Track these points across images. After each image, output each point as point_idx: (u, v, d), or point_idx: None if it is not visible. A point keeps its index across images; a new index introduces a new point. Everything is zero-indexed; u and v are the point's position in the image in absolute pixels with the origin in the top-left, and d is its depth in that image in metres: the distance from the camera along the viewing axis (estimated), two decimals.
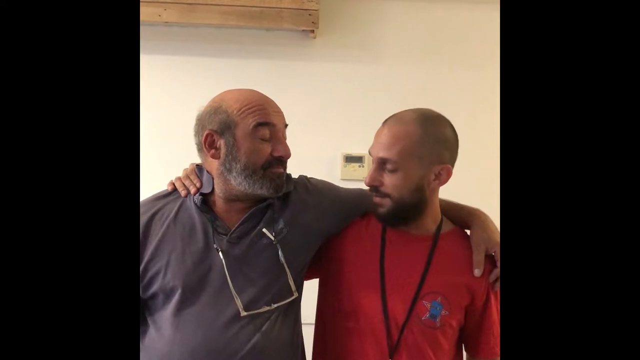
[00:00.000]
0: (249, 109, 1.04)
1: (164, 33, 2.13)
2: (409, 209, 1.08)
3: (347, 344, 1.09)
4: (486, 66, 2.11)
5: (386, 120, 1.11)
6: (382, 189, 1.08)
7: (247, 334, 1.01)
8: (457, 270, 1.10)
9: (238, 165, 1.03)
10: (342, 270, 1.13)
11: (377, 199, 1.10)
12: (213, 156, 1.06)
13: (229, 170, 1.04)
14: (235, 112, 1.04)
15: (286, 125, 1.10)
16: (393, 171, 1.06)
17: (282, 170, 1.08)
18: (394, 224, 1.12)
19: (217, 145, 1.05)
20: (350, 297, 1.10)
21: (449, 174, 1.08)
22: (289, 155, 1.07)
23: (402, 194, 1.06)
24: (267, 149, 1.04)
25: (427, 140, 1.06)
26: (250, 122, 1.03)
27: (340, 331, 1.11)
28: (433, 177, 1.07)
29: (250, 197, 1.07)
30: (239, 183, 1.04)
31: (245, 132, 1.03)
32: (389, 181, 1.07)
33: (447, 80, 2.17)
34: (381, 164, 1.08)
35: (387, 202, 1.08)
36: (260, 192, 1.05)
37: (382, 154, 1.07)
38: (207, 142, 1.05)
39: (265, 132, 1.04)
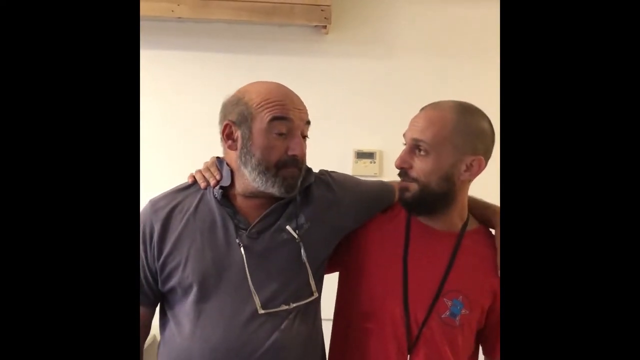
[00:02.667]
0: (267, 102, 1.02)
1: (177, 28, 2.14)
2: (436, 198, 1.06)
3: (367, 338, 1.08)
4: (498, 63, 2.09)
5: (424, 107, 1.10)
6: (411, 172, 1.06)
7: (266, 331, 1.00)
8: (480, 270, 1.08)
9: (253, 160, 1.02)
10: (364, 265, 1.12)
11: (403, 183, 1.08)
12: (230, 147, 1.06)
13: (245, 164, 1.03)
14: (254, 105, 1.02)
15: (308, 123, 1.07)
16: (424, 155, 1.04)
17: (296, 171, 1.05)
18: (418, 212, 1.10)
19: (235, 137, 1.04)
20: (372, 291, 1.10)
21: (480, 167, 1.06)
22: (303, 154, 1.05)
23: (430, 180, 1.04)
24: (282, 145, 1.02)
25: (463, 129, 1.04)
26: (266, 116, 1.01)
27: (360, 326, 1.10)
28: (464, 167, 1.05)
29: (266, 194, 1.05)
30: (253, 179, 1.03)
31: (261, 126, 1.02)
32: (419, 165, 1.05)
33: (459, 75, 2.15)
34: (413, 147, 1.06)
35: (413, 187, 1.06)
36: (271, 191, 1.03)
37: (415, 135, 1.05)
38: (226, 133, 1.05)
39: (282, 127, 1.02)
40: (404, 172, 1.07)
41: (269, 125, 1.01)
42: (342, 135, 2.15)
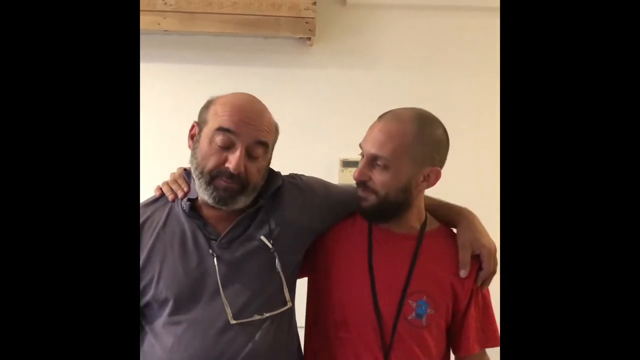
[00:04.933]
0: (222, 111, 1.03)
1: (163, 41, 2.15)
2: (392, 208, 1.08)
3: (339, 346, 1.09)
4: (481, 72, 2.14)
5: (382, 116, 1.10)
6: (370, 184, 1.07)
7: (241, 340, 1.00)
8: (442, 268, 1.10)
9: (195, 162, 1.04)
10: (332, 270, 1.13)
11: (362, 193, 1.09)
12: (189, 146, 1.08)
13: (192, 166, 1.06)
14: (212, 112, 1.04)
15: (260, 143, 1.04)
16: (384, 169, 1.05)
17: (231, 185, 1.02)
18: (375, 220, 1.12)
19: (195, 138, 1.07)
20: (342, 299, 1.10)
21: (437, 177, 1.08)
22: (237, 171, 1.00)
23: (389, 192, 1.06)
24: (220, 157, 1.01)
25: (422, 141, 1.05)
26: (214, 124, 1.02)
27: (333, 335, 1.10)
28: (422, 178, 1.07)
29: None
30: (195, 182, 1.04)
31: (209, 133, 1.03)
32: (378, 178, 1.06)
33: (442, 86, 2.19)
34: (372, 160, 1.06)
35: (372, 198, 1.07)
36: (204, 198, 1.04)
37: (374, 150, 1.05)
38: (190, 133, 1.08)
39: (223, 139, 1.01)
40: (362, 183, 1.09)
41: (213, 133, 1.02)
42: (328, 145, 2.17)
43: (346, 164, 2.17)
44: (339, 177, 2.15)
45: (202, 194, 1.03)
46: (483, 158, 2.07)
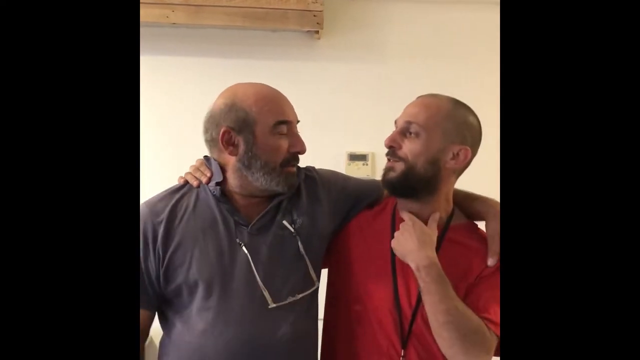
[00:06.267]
0: (267, 106, 1.06)
1: (171, 34, 2.16)
2: (420, 181, 1.07)
3: (358, 335, 1.10)
4: (489, 66, 2.13)
5: (420, 96, 1.14)
6: (399, 152, 1.08)
7: (276, 324, 1.04)
8: (466, 260, 1.08)
9: (258, 163, 1.05)
10: (352, 262, 1.14)
11: (389, 163, 1.10)
12: (231, 153, 1.07)
13: (248, 167, 1.06)
14: (253, 109, 1.05)
15: (298, 121, 1.12)
16: (415, 137, 1.07)
17: (295, 169, 1.11)
18: (400, 194, 1.11)
19: (235, 142, 1.06)
20: (361, 289, 1.11)
21: (466, 157, 1.09)
22: (305, 150, 1.10)
23: (417, 162, 1.06)
24: (285, 145, 1.07)
25: (455, 118, 1.08)
26: (270, 120, 1.05)
27: (351, 322, 1.11)
28: (451, 155, 1.07)
29: (265, 192, 1.09)
30: (256, 179, 1.06)
31: (266, 130, 1.05)
32: (408, 145, 1.07)
33: (450, 80, 2.17)
34: (404, 129, 1.08)
35: (399, 166, 1.08)
36: (275, 189, 1.08)
37: (408, 118, 1.08)
38: (224, 140, 1.06)
39: (284, 128, 1.07)
40: (392, 151, 1.10)
41: (273, 128, 1.05)
42: (335, 138, 2.18)
43: (353, 157, 2.18)
44: (346, 171, 2.15)
45: (273, 186, 1.07)
46: (491, 151, 2.07)
